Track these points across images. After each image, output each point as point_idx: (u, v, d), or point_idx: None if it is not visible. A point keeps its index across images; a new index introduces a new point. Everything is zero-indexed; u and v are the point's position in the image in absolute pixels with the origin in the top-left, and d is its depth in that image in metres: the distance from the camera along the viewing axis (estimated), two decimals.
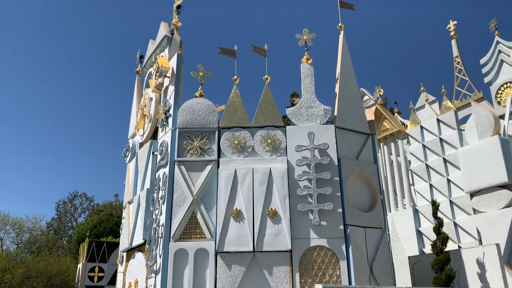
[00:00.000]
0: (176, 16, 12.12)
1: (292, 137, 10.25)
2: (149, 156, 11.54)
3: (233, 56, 11.88)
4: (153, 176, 11.09)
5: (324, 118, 10.50)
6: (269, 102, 10.73)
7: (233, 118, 10.59)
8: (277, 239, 9.39)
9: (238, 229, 9.50)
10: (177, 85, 11.32)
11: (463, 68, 17.87)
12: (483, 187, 12.63)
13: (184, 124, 10.52)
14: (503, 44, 16.87)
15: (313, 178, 9.72)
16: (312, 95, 10.76)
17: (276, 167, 9.94)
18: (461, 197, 13.58)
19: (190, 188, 9.94)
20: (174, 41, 11.97)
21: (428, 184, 14.79)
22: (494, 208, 12.30)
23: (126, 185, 13.29)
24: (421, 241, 14.46)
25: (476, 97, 17.17)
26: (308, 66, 11.00)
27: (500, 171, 12.22)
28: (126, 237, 12.16)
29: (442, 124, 14.89)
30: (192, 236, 9.72)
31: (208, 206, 9.88)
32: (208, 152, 10.33)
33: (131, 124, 14.05)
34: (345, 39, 11.67)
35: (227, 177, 9.89)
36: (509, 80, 16.30)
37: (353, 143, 10.69)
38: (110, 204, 50.02)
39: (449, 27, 18.32)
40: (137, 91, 14.08)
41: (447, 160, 14.38)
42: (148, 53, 13.53)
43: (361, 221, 9.84)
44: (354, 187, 10.18)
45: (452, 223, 13.61)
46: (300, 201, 9.66)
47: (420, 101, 17.26)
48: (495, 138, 12.54)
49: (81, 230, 38.64)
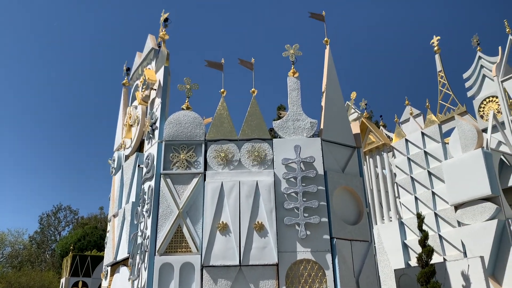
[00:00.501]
0: (163, 29, 12.15)
1: (279, 150, 10.27)
2: (134, 169, 11.44)
3: (220, 69, 11.92)
4: (139, 189, 10.98)
5: (311, 131, 10.56)
6: (256, 115, 10.76)
7: (220, 131, 10.58)
8: (263, 253, 9.34)
9: (224, 243, 9.43)
10: (164, 98, 11.30)
11: (446, 83, 18.19)
12: (467, 199, 12.79)
13: (170, 136, 10.48)
14: (485, 59, 17.26)
15: (299, 191, 9.73)
16: (298, 108, 10.82)
17: (262, 180, 9.93)
18: (446, 210, 13.72)
19: (176, 201, 9.87)
20: (161, 53, 11.97)
21: (413, 197, 14.92)
22: (478, 221, 12.45)
23: (111, 198, 13.13)
24: (407, 254, 14.53)
25: (459, 111, 17.47)
26: (294, 80, 11.08)
27: (483, 184, 12.40)
28: (110, 251, 11.98)
29: (427, 137, 15.10)
30: (177, 250, 9.62)
31: (194, 220, 9.80)
32: (195, 165, 10.29)
33: (117, 136, 13.94)
34: (331, 53, 11.80)
35: (214, 190, 9.85)
36: (491, 94, 16.64)
37: (339, 156, 10.75)
38: (95, 217, 49.40)
39: (433, 42, 18.67)
40: (123, 103, 14.01)
41: (431, 173, 14.55)
42: (135, 66, 13.50)
43: (347, 234, 9.85)
44: (340, 200, 10.21)
45: (437, 236, 13.72)
46: (287, 214, 9.64)
47: (404, 115, 17.51)
48: (478, 152, 12.75)
49: (64, 243, 37.99)
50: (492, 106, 16.64)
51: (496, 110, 16.20)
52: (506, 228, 12.10)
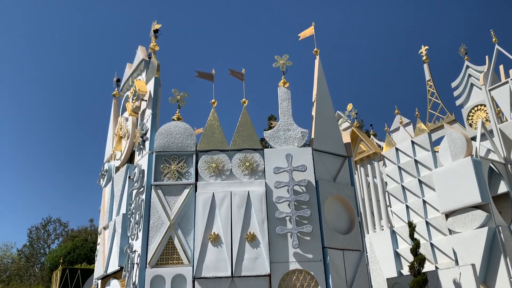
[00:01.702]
0: (154, 40, 12.16)
1: (270, 160, 10.28)
2: (125, 180, 11.36)
3: (210, 79, 11.94)
4: (129, 200, 10.90)
5: (302, 141, 10.58)
6: (247, 125, 10.78)
7: (211, 141, 10.57)
8: (255, 264, 9.29)
9: (216, 254, 9.37)
10: (155, 109, 11.27)
11: (435, 91, 18.37)
12: (457, 207, 12.85)
13: (161, 147, 10.44)
14: (473, 68, 17.47)
15: (291, 201, 9.72)
16: (289, 118, 10.86)
17: (254, 190, 9.92)
18: (437, 218, 13.77)
19: (167, 212, 9.80)
20: (151, 64, 11.97)
21: (404, 205, 14.96)
22: (469, 228, 12.50)
23: (101, 210, 13.01)
24: (399, 263, 14.52)
25: (448, 119, 17.63)
26: (285, 90, 11.13)
27: (473, 191, 12.48)
28: (101, 264, 11.83)
29: (417, 146, 15.19)
30: (169, 262, 9.53)
31: (186, 231, 9.74)
32: (186, 175, 10.24)
33: (107, 148, 13.85)
34: (320, 63, 11.89)
35: (205, 201, 9.80)
36: (479, 103, 16.83)
37: (330, 165, 10.78)
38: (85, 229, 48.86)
39: (421, 51, 18.89)
40: (113, 114, 13.94)
41: (422, 181, 14.62)
42: (125, 77, 13.48)
43: (339, 243, 9.84)
44: (332, 209, 10.22)
45: (429, 244, 13.74)
46: (279, 224, 9.62)
47: (395, 124, 17.63)
48: (468, 160, 12.85)
49: (54, 256, 37.47)
50: (480, 114, 16.82)
51: (484, 118, 16.37)
52: (496, 235, 12.17)
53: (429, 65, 18.75)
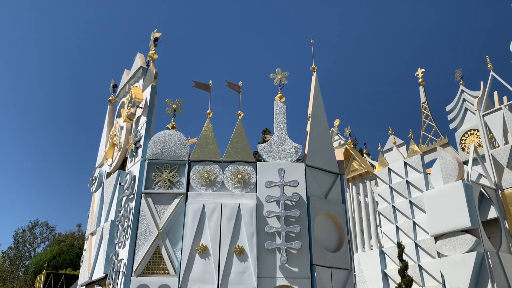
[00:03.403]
0: (153, 48, 12.19)
1: (263, 173, 10.25)
2: (116, 187, 11.27)
3: (207, 90, 11.95)
4: (119, 207, 10.80)
5: (295, 156, 10.58)
6: (241, 138, 10.77)
7: (204, 152, 10.54)
8: (242, 278, 9.20)
9: (203, 266, 9.27)
10: (150, 116, 11.24)
11: (429, 114, 18.52)
12: (447, 231, 12.86)
13: (154, 155, 10.40)
14: (468, 93, 17.66)
15: (281, 216, 9.68)
16: (283, 133, 10.87)
17: (245, 203, 9.87)
18: (426, 240, 13.76)
19: (156, 221, 9.71)
20: (149, 72, 11.98)
21: (394, 226, 14.96)
22: (457, 252, 12.50)
23: (90, 216, 12.88)
24: (387, 283, 14.46)
25: (441, 142, 17.75)
26: (281, 104, 11.17)
27: (463, 215, 12.51)
28: (86, 270, 11.67)
29: (409, 167, 15.25)
30: (155, 271, 9.41)
31: (174, 241, 9.64)
32: (177, 185, 10.19)
33: (100, 153, 13.78)
34: (317, 80, 11.96)
35: (195, 211, 9.73)
36: (472, 127, 16.97)
37: (322, 182, 10.76)
38: (72, 234, 48.30)
39: (417, 74, 19.09)
40: (108, 120, 13.89)
41: (413, 202, 14.64)
42: (122, 83, 13.47)
43: (327, 261, 9.79)
44: (321, 226, 10.17)
45: (417, 266, 13.72)
46: (268, 239, 9.55)
47: (388, 144, 17.72)
48: (459, 183, 12.90)
49: (39, 260, 36.95)
50: (473, 139, 16.95)
51: (477, 143, 16.50)
52: (484, 260, 12.18)
53: (424, 87, 18.94)
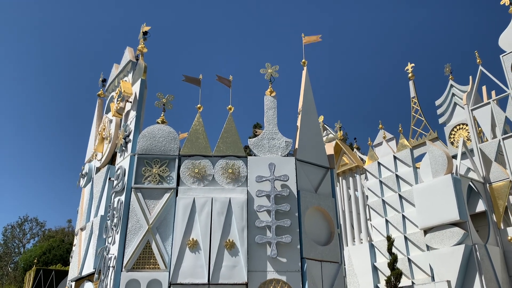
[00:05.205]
0: (142, 42, 12.09)
1: (253, 168, 10.25)
2: (105, 182, 11.21)
3: (197, 84, 11.90)
4: (108, 202, 10.74)
5: (285, 150, 10.60)
6: (232, 132, 10.75)
7: (194, 146, 10.50)
8: (233, 272, 9.22)
9: (193, 260, 9.27)
10: (139, 111, 11.17)
11: (419, 109, 18.65)
12: (436, 224, 12.99)
13: (143, 150, 10.34)
14: (457, 87, 17.79)
15: (272, 210, 9.70)
16: (274, 127, 10.87)
17: (235, 197, 9.87)
18: (415, 234, 13.89)
19: (146, 216, 9.68)
20: (138, 66, 11.88)
21: (384, 220, 15.07)
22: (446, 245, 12.63)
23: (79, 211, 12.80)
24: (377, 276, 14.59)
25: (431, 136, 17.88)
26: (271, 99, 11.15)
27: (452, 209, 12.64)
28: (76, 266, 11.62)
29: (399, 161, 15.35)
30: (145, 266, 9.39)
31: (164, 236, 9.62)
32: (167, 179, 10.15)
33: (89, 147, 13.68)
34: (308, 74, 11.96)
35: (185, 206, 9.71)
36: (461, 122, 17.12)
37: (312, 176, 10.80)
38: (62, 230, 48.02)
39: (407, 68, 19.18)
40: (97, 114, 13.79)
41: (402, 196, 14.76)
42: (111, 77, 13.35)
43: (318, 254, 9.84)
44: (312, 220, 10.22)
45: (406, 259, 13.84)
46: (258, 233, 9.57)
47: (378, 138, 17.81)
48: (448, 177, 13.02)
49: (28, 256, 36.65)
50: (462, 133, 17.10)
51: (466, 137, 16.65)
52: (473, 253, 12.33)
53: (414, 82, 19.05)
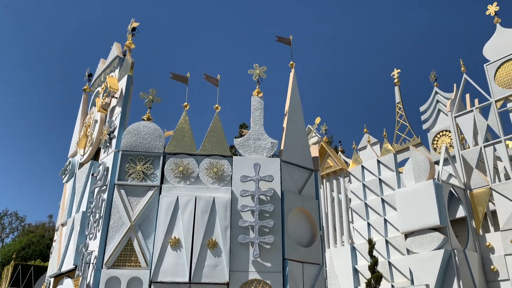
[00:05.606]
0: (131, 38, 12.00)
1: (238, 168, 10.25)
2: (88, 177, 11.09)
3: (185, 82, 11.86)
4: (91, 198, 10.63)
5: (271, 151, 10.62)
6: (218, 131, 10.74)
7: (180, 144, 10.46)
8: (215, 271, 9.21)
9: (175, 259, 9.23)
10: (125, 107, 11.08)
11: (404, 114, 18.87)
12: (417, 228, 13.16)
13: (128, 146, 10.26)
14: (441, 94, 18.07)
15: (256, 210, 9.71)
16: (260, 128, 10.88)
17: (220, 197, 9.86)
18: (396, 237, 14.05)
19: (129, 213, 9.61)
20: (125, 62, 11.78)
21: (366, 223, 15.20)
22: (426, 250, 12.81)
23: (61, 206, 12.64)
24: (357, 279, 14.71)
25: (414, 142, 18.11)
26: (258, 99, 11.17)
27: (433, 214, 12.82)
28: (55, 261, 11.47)
29: (382, 165, 15.51)
30: (126, 264, 9.32)
31: (146, 234, 9.56)
32: (151, 177, 10.09)
33: (73, 142, 13.52)
34: (295, 76, 12.01)
35: (168, 204, 9.67)
36: (445, 128, 17.39)
37: (297, 178, 10.84)
38: (42, 225, 47.36)
39: (393, 74, 19.40)
40: (82, 109, 13.64)
41: (385, 200, 14.91)
42: (98, 72, 13.22)
43: (299, 256, 9.88)
44: (295, 222, 10.25)
45: (387, 262, 13.99)
46: (241, 232, 9.58)
47: (362, 142, 17.97)
48: (430, 183, 13.20)
49: (7, 251, 36.05)
50: (445, 140, 17.37)
51: (448, 144, 16.91)
52: (451, 258, 12.52)
53: (400, 88, 19.27)
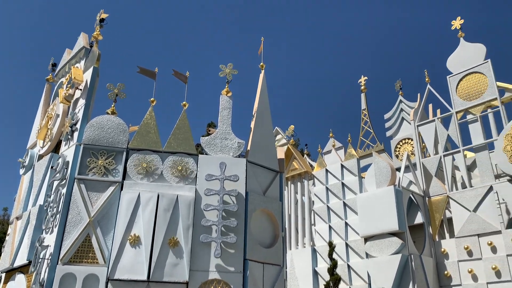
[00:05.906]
0: (99, 29, 11.70)
1: (204, 167, 10.17)
2: (47, 170, 10.74)
3: (152, 77, 11.66)
4: (48, 191, 10.29)
5: (237, 151, 10.60)
6: (184, 129, 10.61)
7: (144, 140, 10.28)
8: (175, 270, 9.08)
9: (134, 256, 9.04)
10: (89, 99, 10.78)
11: (368, 121, 19.27)
12: (376, 233, 13.44)
13: (90, 140, 9.99)
14: (405, 103, 18.56)
15: (219, 209, 9.65)
16: (228, 127, 10.84)
17: (183, 195, 9.74)
18: (356, 241, 14.31)
19: (88, 208, 9.35)
20: (92, 53, 11.48)
21: (327, 226, 15.41)
22: (384, 254, 13.10)
23: (17, 199, 12.18)
24: (317, 281, 14.89)
25: (377, 148, 18.52)
26: (227, 99, 11.13)
27: (392, 219, 13.13)
28: (8, 256, 11.02)
29: (345, 169, 15.77)
30: (83, 260, 9.07)
31: (105, 230, 9.33)
32: (113, 172, 9.86)
33: (33, 133, 13.06)
34: (265, 78, 12.04)
35: (130, 200, 9.47)
36: (407, 136, 17.87)
37: (262, 179, 10.87)
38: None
39: (360, 81, 19.77)
40: (44, 99, 13.19)
41: (346, 204, 15.16)
42: (62, 62, 12.83)
43: (261, 256, 9.90)
44: (258, 222, 10.27)
45: (346, 265, 14.23)
46: (204, 231, 9.50)
47: (328, 146, 18.23)
48: (390, 188, 13.52)
49: None
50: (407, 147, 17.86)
51: (410, 151, 17.40)
52: (408, 262, 12.86)
53: (366, 95, 19.66)
